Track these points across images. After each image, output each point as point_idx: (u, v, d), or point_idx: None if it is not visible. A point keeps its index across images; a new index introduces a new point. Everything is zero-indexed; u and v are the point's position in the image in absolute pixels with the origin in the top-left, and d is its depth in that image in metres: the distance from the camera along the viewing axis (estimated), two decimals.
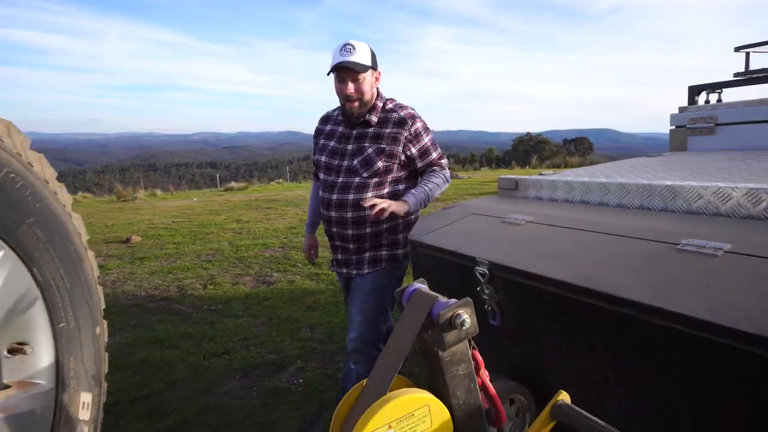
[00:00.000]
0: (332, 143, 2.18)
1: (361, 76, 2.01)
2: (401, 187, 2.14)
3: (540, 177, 1.96)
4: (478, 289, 1.35)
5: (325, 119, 2.31)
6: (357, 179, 2.07)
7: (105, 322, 0.99)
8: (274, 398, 2.77)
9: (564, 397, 0.70)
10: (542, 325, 1.25)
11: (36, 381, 0.81)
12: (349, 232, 2.12)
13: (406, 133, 2.07)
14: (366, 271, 2.15)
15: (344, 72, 2.01)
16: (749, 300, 0.83)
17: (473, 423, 0.71)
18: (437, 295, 0.68)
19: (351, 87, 2.01)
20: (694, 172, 1.89)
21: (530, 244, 1.35)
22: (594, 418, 0.66)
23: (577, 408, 0.68)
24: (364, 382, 0.69)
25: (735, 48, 2.87)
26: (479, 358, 0.72)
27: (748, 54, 2.85)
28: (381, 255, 2.15)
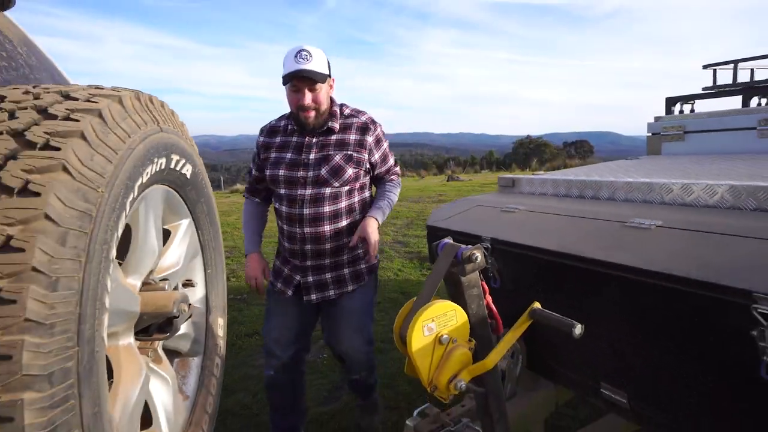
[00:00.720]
0: (289, 155, 1.97)
1: (319, 85, 1.87)
2: (367, 194, 2.09)
3: (533, 176, 2.39)
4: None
5: (272, 132, 2.07)
6: (328, 189, 1.94)
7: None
8: None
9: (537, 305, 1.12)
10: (530, 283, 1.68)
11: (197, 306, 1.23)
12: (328, 246, 1.97)
13: (370, 139, 2.01)
14: (350, 288, 2.04)
15: (300, 81, 1.86)
16: (664, 253, 1.26)
17: (482, 327, 1.13)
18: (460, 244, 1.10)
19: (308, 97, 1.87)
20: (659, 172, 2.32)
21: (523, 225, 1.78)
22: (558, 315, 1.07)
23: (546, 310, 1.09)
24: (414, 299, 1.11)
25: (703, 66, 3.31)
26: (485, 286, 1.14)
27: (715, 71, 3.29)
28: (361, 269, 2.07)
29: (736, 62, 3.07)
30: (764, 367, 1.03)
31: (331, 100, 1.99)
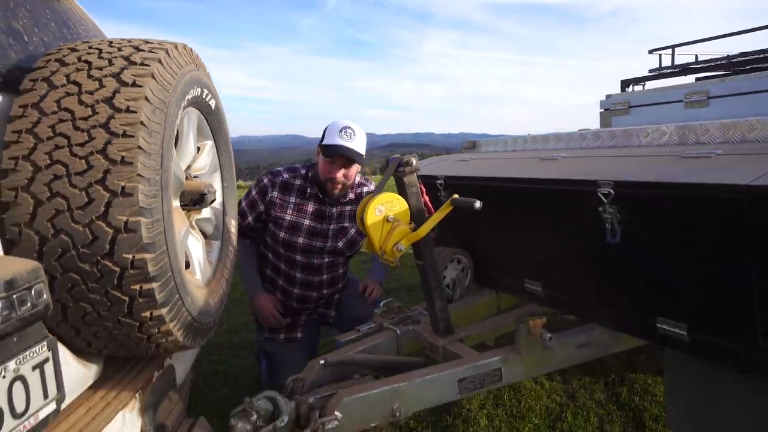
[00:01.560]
0: (307, 222, 2.04)
1: (354, 165, 2.00)
2: None
3: (490, 139, 2.86)
4: (438, 193, 2.26)
5: (285, 188, 2.06)
6: (342, 258, 2.16)
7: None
8: None
9: (456, 195, 1.58)
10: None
11: (217, 207, 1.71)
12: (336, 297, 2.25)
13: None
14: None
15: (341, 158, 1.96)
16: (560, 169, 1.74)
17: (419, 215, 1.61)
18: (401, 156, 1.57)
19: (341, 173, 1.97)
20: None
21: (469, 167, 2.26)
22: (466, 198, 1.53)
23: (463, 198, 1.55)
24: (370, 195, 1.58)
25: (648, 51, 3.77)
26: (422, 187, 1.61)
27: (660, 55, 3.75)
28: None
29: (673, 47, 3.54)
30: (608, 234, 1.49)
31: None
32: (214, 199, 1.52)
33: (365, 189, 2.20)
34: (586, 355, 1.74)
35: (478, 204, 1.46)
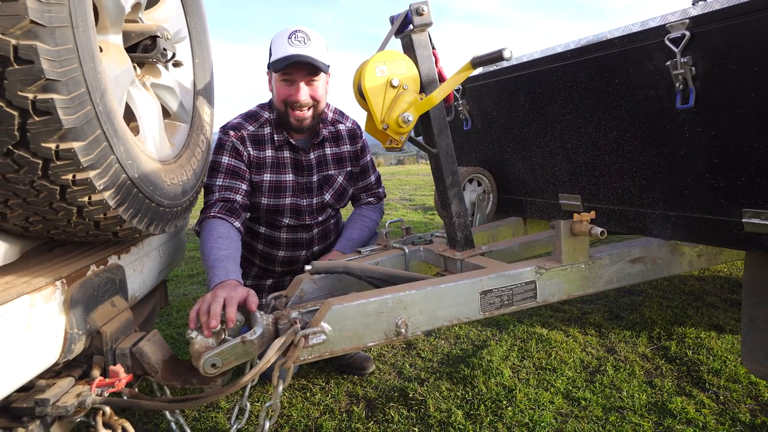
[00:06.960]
0: (290, 177, 1.65)
1: (319, 77, 1.54)
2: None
3: None
4: (456, 102, 1.93)
5: (257, 141, 1.61)
6: (332, 211, 1.78)
7: None
8: None
9: (475, 54, 1.25)
10: (494, 108, 1.80)
11: (185, 85, 1.40)
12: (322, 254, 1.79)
13: (359, 146, 1.78)
14: None
15: (297, 70, 1.50)
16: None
17: (432, 86, 1.28)
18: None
19: (305, 91, 1.52)
20: None
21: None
22: (490, 51, 1.20)
23: (481, 55, 1.21)
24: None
25: None
26: (437, 55, 1.28)
27: None
28: None
29: None
30: (678, 97, 1.15)
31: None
32: (174, 56, 1.21)
33: (342, 126, 1.75)
34: (640, 274, 1.39)
35: (507, 53, 1.12)
